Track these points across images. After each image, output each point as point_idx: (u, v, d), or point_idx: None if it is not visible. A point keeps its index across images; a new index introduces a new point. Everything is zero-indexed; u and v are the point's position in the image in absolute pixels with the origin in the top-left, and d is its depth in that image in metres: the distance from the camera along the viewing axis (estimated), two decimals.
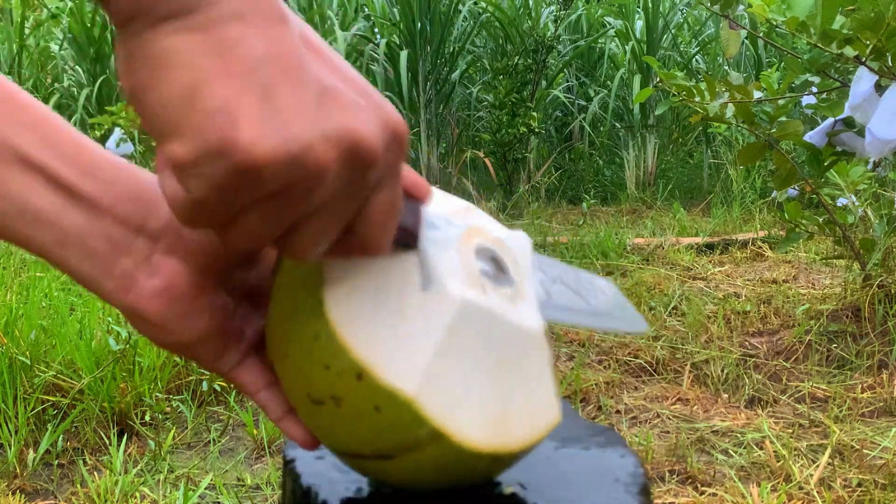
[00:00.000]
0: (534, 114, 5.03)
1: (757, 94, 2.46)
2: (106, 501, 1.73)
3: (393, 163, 0.39)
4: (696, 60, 6.02)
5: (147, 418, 2.11)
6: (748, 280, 3.32)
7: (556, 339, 2.65)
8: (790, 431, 2.01)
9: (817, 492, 1.71)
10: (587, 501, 0.50)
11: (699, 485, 1.78)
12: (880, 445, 1.90)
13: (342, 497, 0.51)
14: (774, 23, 2.28)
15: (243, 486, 1.84)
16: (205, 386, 2.23)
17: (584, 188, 5.43)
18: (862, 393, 2.18)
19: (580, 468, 0.54)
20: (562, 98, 5.95)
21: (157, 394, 2.17)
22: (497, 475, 0.50)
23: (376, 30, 5.90)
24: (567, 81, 6.11)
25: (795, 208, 2.62)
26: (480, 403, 0.44)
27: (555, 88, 5.91)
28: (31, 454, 1.91)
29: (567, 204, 5.28)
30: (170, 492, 1.80)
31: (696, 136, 5.75)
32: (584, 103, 5.98)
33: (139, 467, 1.89)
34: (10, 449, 1.92)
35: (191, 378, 2.25)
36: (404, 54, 5.31)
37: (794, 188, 2.67)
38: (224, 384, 2.25)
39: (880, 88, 2.19)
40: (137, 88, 0.35)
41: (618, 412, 2.16)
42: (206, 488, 1.80)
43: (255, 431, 2.03)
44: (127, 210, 0.46)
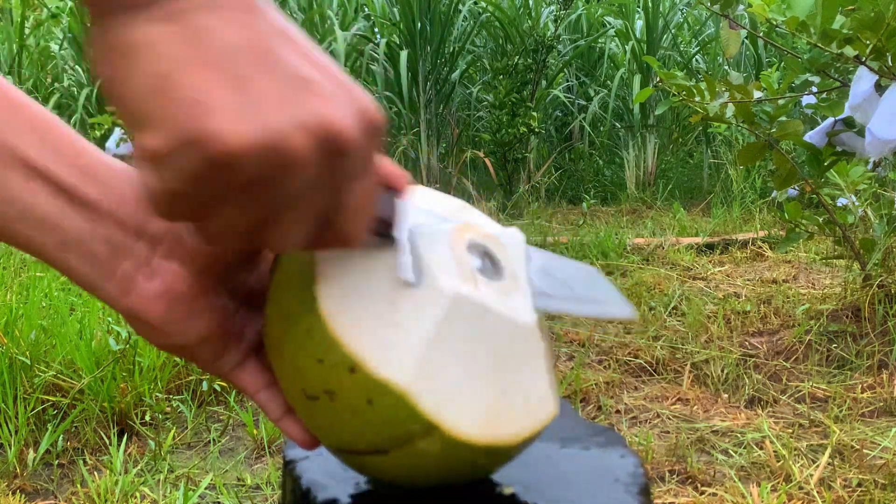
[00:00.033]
0: (534, 114, 5.03)
1: (757, 94, 2.46)
2: (106, 501, 1.73)
3: (368, 152, 0.39)
4: (696, 60, 6.02)
5: (147, 418, 2.12)
6: (748, 280, 3.32)
7: (556, 339, 2.65)
8: (790, 431, 2.01)
9: (817, 492, 1.71)
10: (587, 501, 0.50)
11: (699, 485, 1.78)
12: (880, 445, 1.90)
13: (341, 497, 0.51)
14: (774, 23, 2.28)
15: (243, 486, 1.84)
16: (205, 386, 2.23)
17: (584, 188, 5.43)
18: (862, 393, 2.18)
19: (580, 468, 0.54)
20: (562, 98, 5.95)
21: (157, 394, 2.17)
22: (494, 471, 0.49)
23: (376, 30, 5.90)
24: (567, 81, 6.11)
25: (795, 208, 2.62)
26: (474, 396, 0.44)
27: (555, 88, 5.91)
28: (31, 454, 1.91)
29: (567, 204, 5.28)
30: (170, 492, 1.80)
31: (696, 136, 5.75)
32: (584, 103, 5.98)
33: (139, 467, 1.89)
34: (10, 449, 1.92)
35: (191, 378, 2.25)
36: (404, 54, 5.31)
37: (794, 188, 2.67)
38: (224, 384, 2.26)
39: (880, 88, 2.19)
40: (111, 79, 0.35)
41: (618, 412, 2.16)
42: (206, 488, 1.80)
43: (255, 431, 2.03)
44: (127, 213, 0.47)
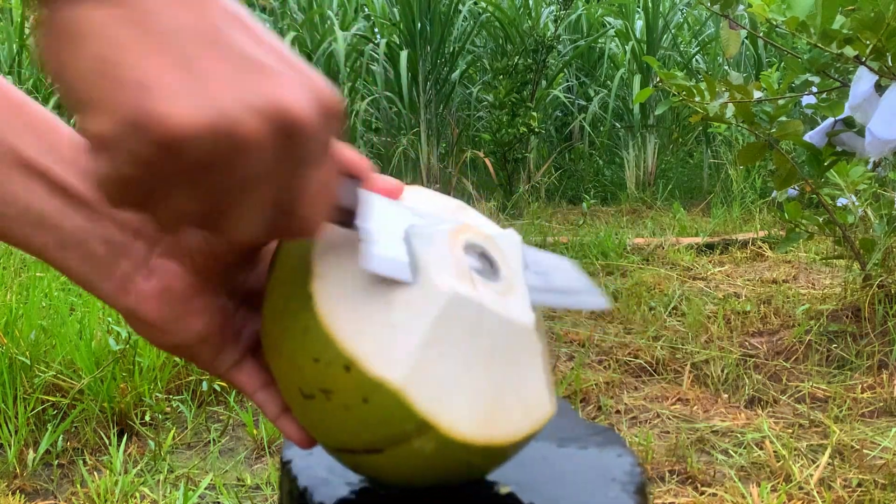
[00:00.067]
0: (534, 114, 5.03)
1: (757, 94, 2.46)
2: (106, 501, 1.73)
3: (325, 137, 0.38)
4: (696, 60, 6.02)
5: (147, 418, 2.12)
6: (748, 280, 3.32)
7: (556, 340, 2.65)
8: (790, 431, 2.01)
9: (817, 492, 1.71)
10: (583, 500, 0.50)
11: (699, 485, 1.78)
12: (880, 445, 1.90)
13: (339, 498, 0.51)
14: (774, 23, 2.28)
15: (243, 486, 1.84)
16: (205, 386, 2.23)
17: (584, 188, 5.43)
18: (862, 393, 2.18)
19: (577, 468, 0.54)
20: (562, 98, 5.95)
21: (157, 394, 2.17)
22: (491, 471, 0.49)
23: (376, 30, 5.90)
24: (567, 81, 6.11)
25: (795, 208, 2.62)
26: (470, 395, 0.43)
27: (555, 88, 5.91)
28: (31, 454, 1.91)
29: (567, 204, 5.28)
30: (170, 492, 1.80)
31: (696, 136, 5.75)
32: (584, 103, 5.98)
33: (139, 467, 1.90)
34: (10, 449, 1.92)
35: (191, 378, 2.25)
36: (404, 54, 5.31)
37: (794, 188, 2.67)
38: (224, 384, 2.26)
39: (880, 88, 2.19)
40: (55, 63, 0.34)
41: (618, 412, 2.16)
42: (206, 488, 1.80)
43: (255, 431, 2.04)
44: (125, 213, 0.47)
